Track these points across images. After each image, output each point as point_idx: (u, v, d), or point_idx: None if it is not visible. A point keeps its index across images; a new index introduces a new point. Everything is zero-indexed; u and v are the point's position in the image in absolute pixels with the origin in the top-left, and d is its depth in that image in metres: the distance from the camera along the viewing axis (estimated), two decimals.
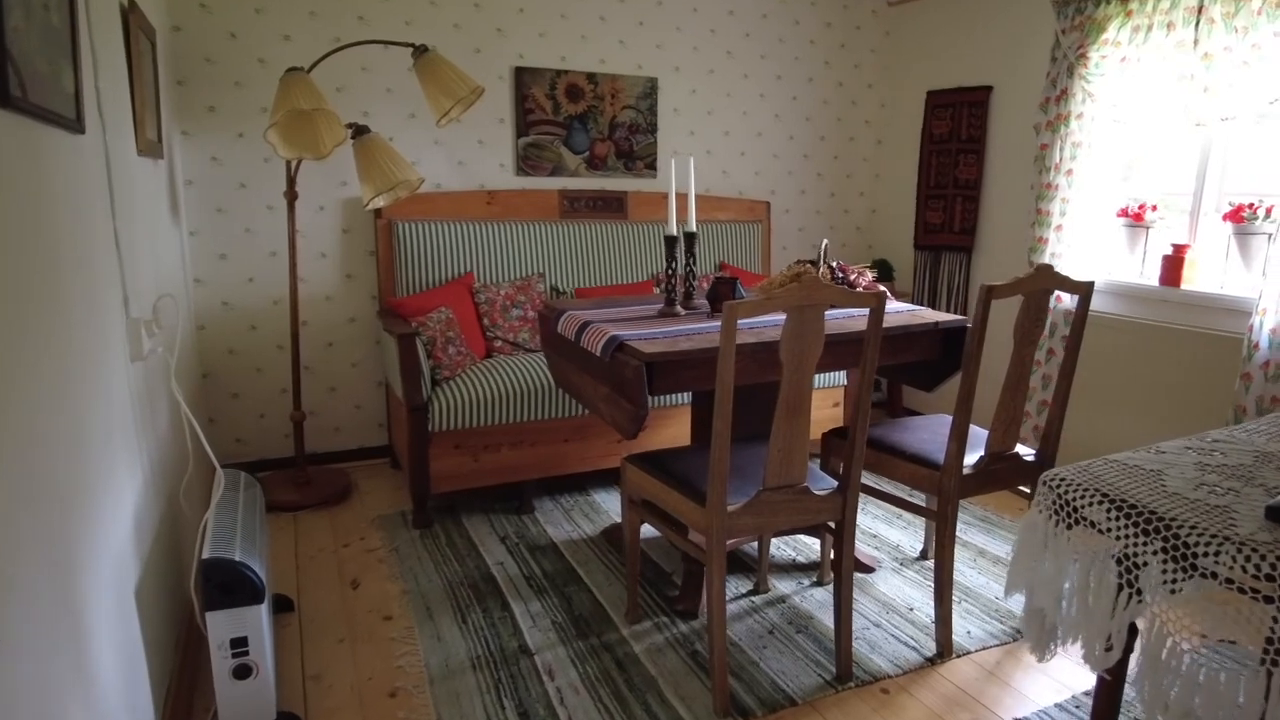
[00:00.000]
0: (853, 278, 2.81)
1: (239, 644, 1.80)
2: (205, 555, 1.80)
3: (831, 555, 2.49)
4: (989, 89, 4.00)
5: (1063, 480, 1.25)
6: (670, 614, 2.51)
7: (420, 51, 3.01)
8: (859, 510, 2.55)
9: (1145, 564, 1.14)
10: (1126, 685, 1.34)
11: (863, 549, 2.95)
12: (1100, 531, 1.18)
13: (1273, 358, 2.79)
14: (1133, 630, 1.24)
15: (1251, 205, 3.02)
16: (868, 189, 4.83)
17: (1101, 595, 1.17)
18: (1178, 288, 3.23)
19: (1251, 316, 2.84)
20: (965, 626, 2.47)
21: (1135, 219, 3.43)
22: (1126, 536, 1.15)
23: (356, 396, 3.74)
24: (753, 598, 2.62)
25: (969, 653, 2.33)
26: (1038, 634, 1.29)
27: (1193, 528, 1.08)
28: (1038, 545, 1.27)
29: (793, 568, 2.83)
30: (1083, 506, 1.21)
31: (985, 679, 2.21)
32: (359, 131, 3.07)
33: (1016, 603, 2.60)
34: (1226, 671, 1.06)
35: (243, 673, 1.82)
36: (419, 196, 3.54)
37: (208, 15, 3.24)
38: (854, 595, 2.62)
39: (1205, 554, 1.06)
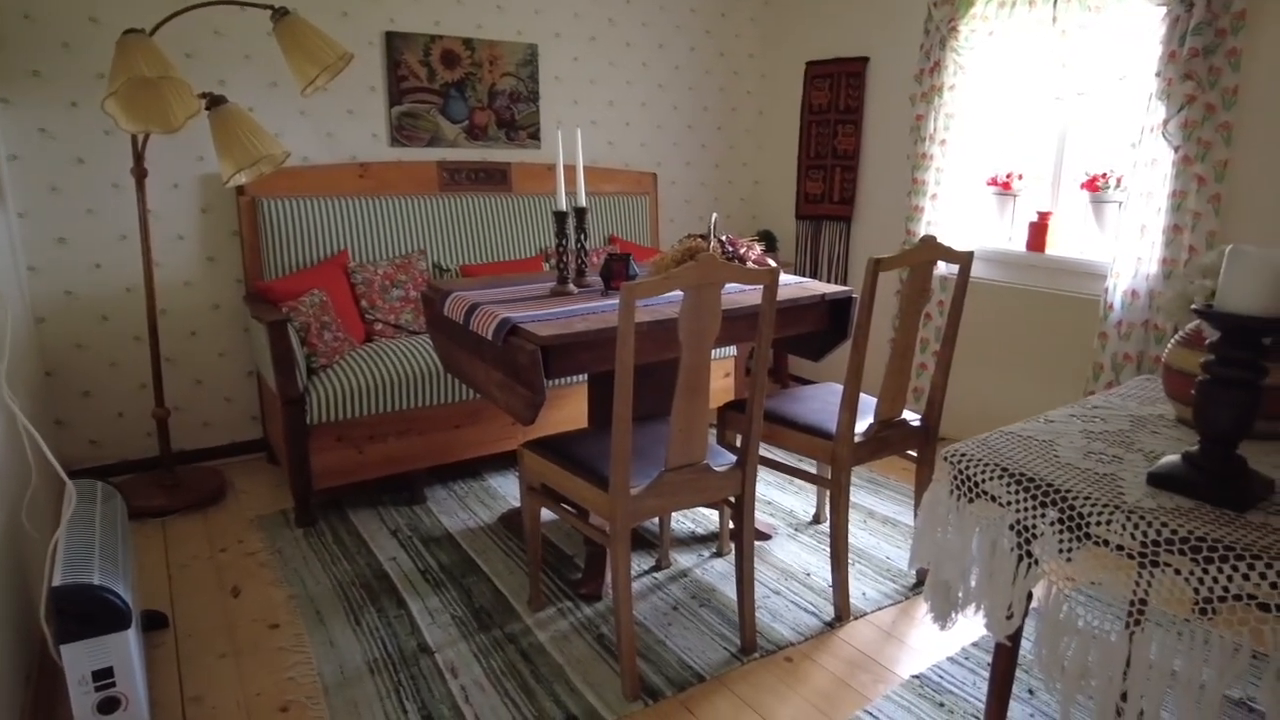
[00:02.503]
0: (743, 251, 2.81)
1: (103, 675, 1.63)
2: (56, 582, 1.62)
3: (731, 526, 2.52)
4: (865, 60, 4.08)
5: (963, 455, 1.27)
6: (574, 598, 2.47)
7: (280, 14, 2.77)
8: None
9: (1041, 534, 1.18)
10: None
11: (758, 516, 3.00)
12: (1000, 504, 1.21)
13: (1125, 318, 3.00)
14: (1029, 596, 1.29)
15: (1104, 175, 3.22)
16: (751, 160, 4.86)
17: (1002, 565, 1.21)
18: (1042, 253, 3.41)
19: (1107, 279, 3.04)
20: (860, 588, 2.55)
21: (1004, 188, 3.60)
22: (1024, 508, 1.19)
23: (226, 388, 3.48)
24: (655, 574, 2.62)
25: (865, 614, 2.41)
26: (941, 605, 1.33)
27: (1086, 498, 1.13)
28: (940, 519, 1.30)
29: (693, 540, 2.85)
30: (983, 480, 1.24)
31: (883, 639, 2.29)
32: (214, 102, 2.81)
33: (906, 561, 2.71)
34: (1117, 633, 1.11)
35: (109, 706, 1.65)
36: (285, 171, 3.29)
37: None
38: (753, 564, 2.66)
39: (1098, 523, 1.10)
